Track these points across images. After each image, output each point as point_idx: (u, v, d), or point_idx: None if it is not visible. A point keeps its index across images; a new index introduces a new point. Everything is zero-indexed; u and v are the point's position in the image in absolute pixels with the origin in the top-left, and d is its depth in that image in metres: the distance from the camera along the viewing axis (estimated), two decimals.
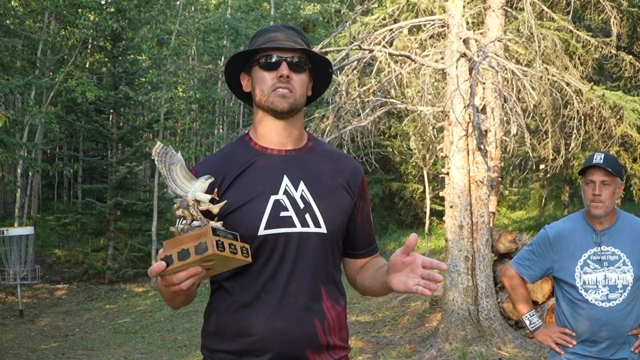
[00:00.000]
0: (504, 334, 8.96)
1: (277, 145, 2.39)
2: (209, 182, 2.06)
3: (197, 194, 2.03)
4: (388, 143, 23.67)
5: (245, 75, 2.45)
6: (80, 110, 23.81)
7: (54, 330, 14.10)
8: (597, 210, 3.62)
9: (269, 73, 2.33)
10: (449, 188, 9.44)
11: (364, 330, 10.82)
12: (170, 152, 2.07)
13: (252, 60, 2.39)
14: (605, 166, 3.58)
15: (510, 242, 9.69)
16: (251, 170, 2.33)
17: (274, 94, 2.32)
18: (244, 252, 2.07)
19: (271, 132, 2.39)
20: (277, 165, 2.34)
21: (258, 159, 2.36)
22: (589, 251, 3.66)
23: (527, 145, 10.28)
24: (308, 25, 31.42)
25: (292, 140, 2.41)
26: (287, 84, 2.32)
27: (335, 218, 2.36)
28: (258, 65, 2.35)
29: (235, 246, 2.03)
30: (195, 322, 13.58)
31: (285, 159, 2.37)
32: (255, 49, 2.36)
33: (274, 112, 2.34)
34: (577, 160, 16.97)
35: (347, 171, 2.45)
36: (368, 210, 2.54)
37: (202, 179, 2.06)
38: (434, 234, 24.17)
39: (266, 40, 2.37)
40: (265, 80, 2.33)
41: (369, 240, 2.57)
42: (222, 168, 2.33)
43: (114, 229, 21.82)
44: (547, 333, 3.82)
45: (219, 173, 2.30)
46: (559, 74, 11.25)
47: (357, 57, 10.28)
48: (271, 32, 2.41)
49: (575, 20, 14.96)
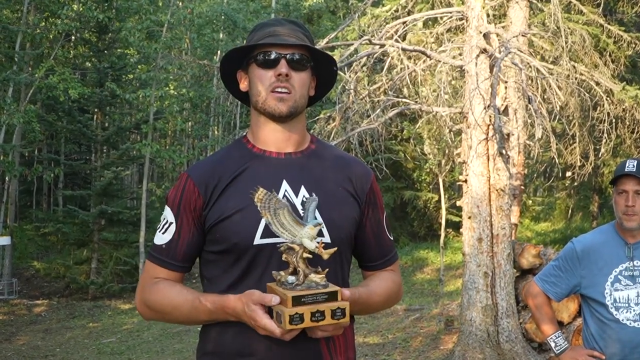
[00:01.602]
0: (527, 357, 8.97)
1: (276, 148, 2.41)
2: (317, 229, 2.14)
3: (304, 241, 2.13)
4: (400, 147, 23.72)
5: (242, 73, 2.47)
6: (62, 109, 23.92)
7: (32, 350, 14.13)
8: (630, 222, 3.62)
9: (266, 71, 2.35)
10: (467, 197, 9.45)
11: (372, 353, 10.84)
12: (274, 198, 2.15)
13: (249, 57, 2.41)
14: (638, 174, 3.58)
15: (534, 257, 9.69)
16: (247, 174, 2.35)
17: (272, 96, 2.33)
18: (337, 315, 2.10)
19: (270, 134, 2.41)
20: (275, 169, 2.35)
21: (255, 162, 2.38)
22: (620, 266, 3.67)
23: (553, 150, 10.30)
24: (312, 16, 31.50)
25: (292, 143, 2.43)
26: (286, 83, 2.33)
27: (340, 227, 2.37)
28: (255, 62, 2.37)
29: (324, 312, 2.08)
30: (186, 343, 13.60)
31: (285, 163, 2.39)
32: (253, 45, 2.38)
33: (271, 116, 2.37)
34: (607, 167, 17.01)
35: (355, 176, 2.47)
36: (380, 217, 2.55)
37: (311, 225, 2.14)
38: (450, 247, 24.19)
39: (265, 35, 2.39)
40: (263, 79, 2.35)
41: (384, 251, 2.58)
42: (217, 172, 2.35)
43: (98, 239, 21.88)
44: (574, 356, 3.82)
45: (213, 177, 2.33)
46: (588, 73, 11.28)
47: (367, 52, 10.31)
48: (271, 26, 2.43)
49: (607, 13, 15.00)
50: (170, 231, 2.36)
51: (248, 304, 2.12)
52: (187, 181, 2.35)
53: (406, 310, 13.76)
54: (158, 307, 2.35)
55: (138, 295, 2.42)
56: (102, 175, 22.51)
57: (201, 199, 2.32)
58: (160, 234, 2.39)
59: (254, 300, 2.11)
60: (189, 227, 2.34)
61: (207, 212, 2.32)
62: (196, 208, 2.33)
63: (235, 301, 2.17)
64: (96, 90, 22.59)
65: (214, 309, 2.22)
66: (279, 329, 2.07)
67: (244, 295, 2.15)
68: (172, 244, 2.36)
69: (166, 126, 26.85)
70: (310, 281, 2.11)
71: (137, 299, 2.43)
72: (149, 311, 2.40)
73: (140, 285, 2.43)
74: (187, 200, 2.33)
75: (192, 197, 2.33)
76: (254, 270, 2.28)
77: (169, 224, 2.37)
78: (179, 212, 2.34)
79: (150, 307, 2.37)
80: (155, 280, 2.37)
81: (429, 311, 12.97)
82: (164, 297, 2.33)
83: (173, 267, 2.37)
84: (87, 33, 24.59)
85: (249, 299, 2.12)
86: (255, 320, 2.09)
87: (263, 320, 2.08)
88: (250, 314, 2.10)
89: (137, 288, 2.44)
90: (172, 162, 26.68)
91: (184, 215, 2.34)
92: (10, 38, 22.09)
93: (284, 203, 2.14)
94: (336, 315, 2.09)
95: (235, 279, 2.28)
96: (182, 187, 2.35)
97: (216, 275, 2.36)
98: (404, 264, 23.67)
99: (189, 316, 2.30)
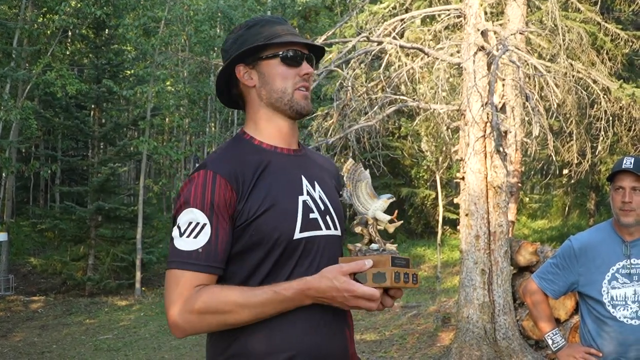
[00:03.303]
0: (523, 354, 8.99)
1: (285, 144, 2.43)
2: (389, 202, 2.22)
3: (377, 213, 2.21)
4: (397, 144, 23.73)
5: (247, 68, 2.43)
6: (59, 106, 23.91)
7: (28, 347, 14.13)
8: (627, 218, 3.63)
9: (291, 69, 2.37)
10: (464, 194, 9.47)
11: (369, 350, 10.85)
12: (359, 169, 2.23)
13: (263, 53, 2.39)
14: (635, 171, 3.59)
15: (531, 254, 9.70)
16: (271, 169, 2.33)
17: (298, 94, 2.37)
18: (414, 280, 2.21)
19: (280, 131, 2.42)
20: (291, 165, 2.38)
21: (273, 158, 2.37)
22: (617, 264, 3.68)
23: (550, 148, 10.31)
24: (309, 13, 31.46)
25: (295, 140, 2.47)
26: (309, 82, 2.40)
27: (342, 220, 2.46)
28: (280, 59, 2.37)
29: (408, 275, 2.18)
30: (183, 339, 13.59)
31: (295, 159, 2.42)
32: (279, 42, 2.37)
33: (295, 113, 2.38)
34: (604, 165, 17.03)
35: (333, 172, 2.59)
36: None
37: (384, 198, 2.22)
38: (447, 244, 24.22)
39: (280, 31, 2.39)
40: (287, 78, 2.37)
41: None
42: (240, 167, 2.29)
43: (95, 236, 21.87)
44: (571, 353, 3.83)
45: (241, 172, 2.27)
46: (585, 71, 11.30)
47: (365, 49, 10.31)
48: (278, 23, 2.43)
49: (604, 11, 15.01)
50: (206, 233, 2.21)
51: (337, 277, 2.10)
52: (214, 177, 2.23)
53: (403, 308, 13.77)
54: (219, 309, 2.17)
55: (177, 308, 2.19)
56: (99, 171, 22.47)
57: (235, 194, 2.23)
58: (191, 239, 2.21)
59: (344, 271, 2.10)
60: (226, 225, 2.23)
61: (241, 208, 2.23)
62: (231, 204, 2.23)
63: (318, 280, 2.13)
64: (93, 86, 22.54)
65: (293, 295, 2.15)
66: (378, 291, 2.09)
67: (327, 271, 2.13)
68: (210, 246, 2.20)
69: (163, 122, 26.83)
70: (389, 249, 2.20)
71: (174, 312, 2.19)
72: (198, 320, 2.18)
73: (178, 297, 2.19)
74: (220, 197, 2.22)
75: (225, 193, 2.22)
76: (286, 264, 2.25)
77: (201, 225, 2.21)
78: (213, 211, 2.21)
79: (205, 313, 2.17)
80: (199, 287, 2.19)
81: (426, 308, 12.99)
82: (226, 297, 2.17)
83: (215, 269, 2.22)
84: (85, 29, 24.54)
85: (337, 273, 2.11)
86: (352, 290, 2.08)
87: (361, 288, 2.08)
88: (344, 285, 2.08)
89: (172, 302, 2.20)
90: (169, 158, 26.66)
91: (219, 214, 2.22)
92: (7, 34, 22.04)
93: (366, 175, 2.23)
94: (414, 280, 2.21)
95: (265, 274, 2.24)
96: (211, 184, 2.23)
97: (234, 276, 2.27)
98: None
99: (256, 313, 2.17)
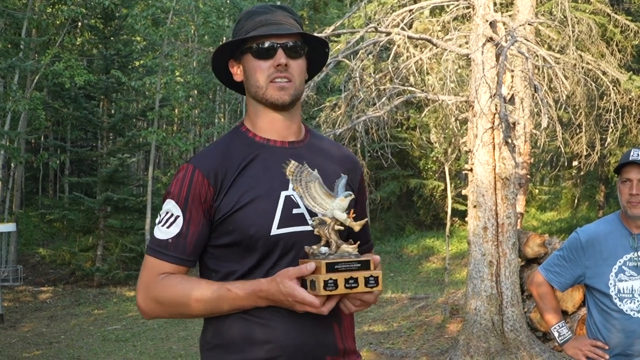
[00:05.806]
0: (531, 346, 8.98)
1: (279, 137, 2.41)
2: (348, 200, 2.19)
3: (335, 213, 2.18)
4: (406, 135, 23.73)
5: (234, 63, 2.45)
6: (68, 96, 23.91)
7: (37, 337, 14.19)
8: (635, 210, 3.62)
9: (264, 62, 2.34)
10: (472, 186, 9.45)
11: (377, 341, 10.86)
12: (305, 169, 2.20)
13: (242, 48, 2.38)
14: None
15: (539, 246, 9.69)
16: (256, 164, 2.33)
17: (272, 86, 2.33)
18: (370, 283, 2.16)
19: (271, 124, 2.40)
20: (282, 158, 2.31)
21: (262, 151, 2.36)
22: (624, 257, 3.68)
23: (559, 139, 10.29)
24: (319, 3, 31.43)
25: (293, 132, 2.44)
26: (286, 72, 2.33)
27: None
28: (251, 53, 2.36)
29: (357, 279, 2.13)
30: (191, 330, 13.65)
31: (290, 152, 2.37)
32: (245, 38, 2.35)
33: (274, 106, 2.36)
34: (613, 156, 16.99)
35: (348, 166, 2.51)
36: (364, 204, 2.62)
37: (342, 196, 2.19)
38: (456, 236, 24.22)
39: (256, 24, 2.37)
40: (261, 70, 2.34)
41: (367, 236, 2.63)
42: (223, 162, 2.31)
43: (103, 226, 21.91)
44: (578, 346, 3.84)
45: (221, 167, 2.29)
46: (595, 62, 11.27)
47: (373, 40, 10.29)
48: (260, 14, 2.40)
49: (614, 2, 14.96)
50: (178, 224, 2.28)
51: (283, 281, 2.12)
52: (194, 172, 2.29)
53: (411, 299, 13.78)
54: (173, 301, 2.27)
55: (141, 293, 2.32)
56: (108, 162, 22.49)
57: (211, 189, 2.27)
58: (164, 228, 2.30)
59: (290, 275, 2.12)
60: (199, 219, 2.28)
61: (218, 204, 2.27)
62: (206, 199, 2.27)
63: (268, 283, 2.17)
64: (102, 77, 22.53)
65: (245, 294, 2.20)
66: (318, 299, 2.08)
67: (277, 275, 2.15)
68: (180, 237, 2.28)
69: (172, 113, 26.83)
70: (342, 251, 2.16)
71: (139, 296, 2.33)
72: (158, 307, 2.31)
73: (143, 282, 2.33)
74: (195, 191, 2.27)
75: (201, 188, 2.27)
76: (265, 262, 2.27)
77: (174, 217, 2.29)
78: (187, 205, 2.27)
79: (162, 303, 2.29)
80: (163, 276, 2.29)
81: (434, 300, 12.99)
82: (182, 290, 2.26)
83: (181, 261, 2.30)
84: (94, 19, 24.54)
85: (283, 277, 2.13)
86: (293, 295, 2.10)
87: (302, 294, 2.09)
88: (287, 290, 2.11)
89: (139, 286, 2.34)
90: (178, 149, 26.66)
91: (193, 208, 2.27)
92: (16, 24, 22.06)
93: (315, 175, 2.19)
94: (369, 283, 2.15)
95: (245, 272, 2.27)
96: (189, 179, 2.28)
97: (221, 269, 2.33)
98: (410, 253, 23.71)
99: (211, 307, 2.25)
